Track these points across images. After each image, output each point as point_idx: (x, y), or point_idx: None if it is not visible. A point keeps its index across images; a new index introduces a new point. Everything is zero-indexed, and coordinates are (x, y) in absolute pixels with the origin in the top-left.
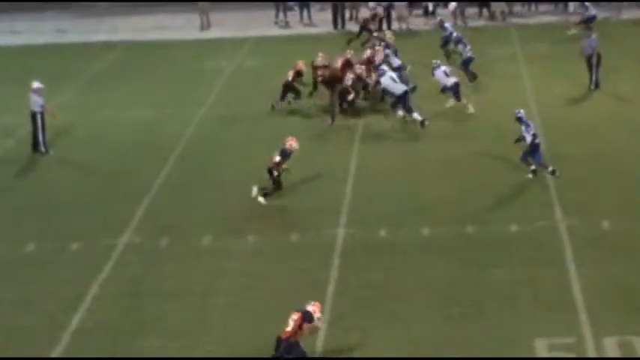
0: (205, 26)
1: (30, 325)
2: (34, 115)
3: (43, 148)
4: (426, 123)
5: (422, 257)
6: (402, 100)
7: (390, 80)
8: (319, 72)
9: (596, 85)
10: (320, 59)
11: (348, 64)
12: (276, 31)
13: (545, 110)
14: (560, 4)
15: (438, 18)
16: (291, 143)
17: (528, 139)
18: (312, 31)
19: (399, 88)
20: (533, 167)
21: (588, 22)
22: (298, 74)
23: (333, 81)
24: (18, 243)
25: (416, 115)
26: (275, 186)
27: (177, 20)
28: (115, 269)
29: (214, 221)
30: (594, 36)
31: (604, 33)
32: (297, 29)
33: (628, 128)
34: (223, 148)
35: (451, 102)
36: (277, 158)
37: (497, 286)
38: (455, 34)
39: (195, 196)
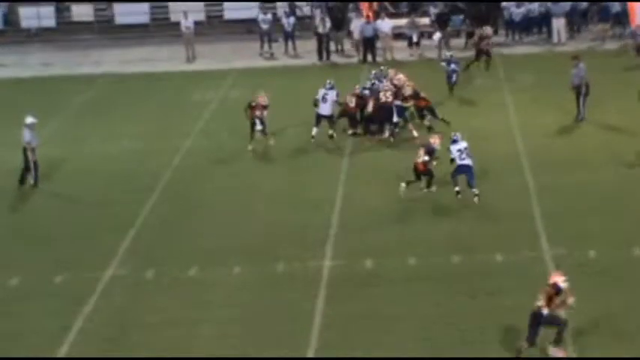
0: (190, 58)
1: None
2: (25, 150)
3: (32, 181)
4: None
5: (408, 287)
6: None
7: None
8: (256, 112)
9: (582, 116)
10: (260, 99)
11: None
12: (261, 63)
13: (529, 140)
14: (545, 35)
15: (449, 54)
16: (435, 140)
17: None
18: (297, 62)
19: None
20: (457, 188)
21: None
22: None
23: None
24: (3, 275)
25: None
26: (430, 177)
27: (163, 52)
28: (100, 301)
29: (200, 252)
30: (582, 65)
31: (588, 64)
32: (282, 60)
33: (613, 158)
34: (209, 180)
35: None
36: (425, 157)
37: (483, 317)
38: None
39: (181, 227)
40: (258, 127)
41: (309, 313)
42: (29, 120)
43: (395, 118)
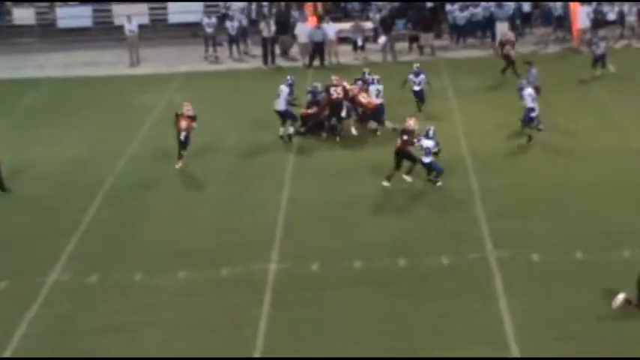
0: (135, 62)
1: None
2: None
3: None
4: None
5: (354, 291)
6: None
7: None
8: (182, 123)
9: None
10: (186, 109)
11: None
12: (206, 67)
13: (474, 142)
14: (488, 39)
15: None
16: (410, 122)
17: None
18: (242, 66)
19: None
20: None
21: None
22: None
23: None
24: None
25: None
26: (411, 161)
27: (106, 56)
28: (43, 307)
29: (145, 257)
30: (534, 70)
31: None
32: (227, 64)
33: (557, 161)
34: (153, 185)
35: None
36: (404, 137)
37: (429, 319)
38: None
39: (126, 232)
40: (182, 137)
41: (255, 317)
42: None
43: (343, 114)
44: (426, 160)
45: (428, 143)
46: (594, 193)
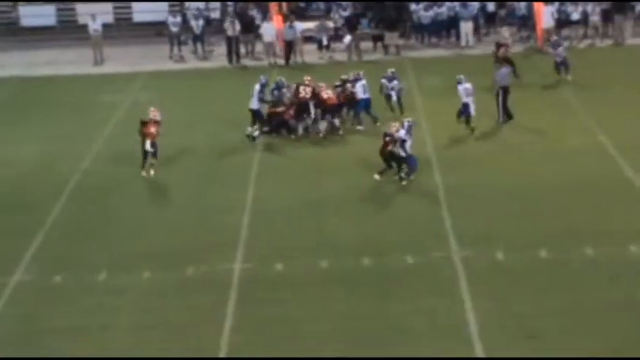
0: (99, 61)
1: None
2: None
3: None
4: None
5: (320, 290)
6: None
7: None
8: (150, 129)
9: (502, 118)
10: (153, 114)
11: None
12: (170, 66)
13: (439, 141)
14: (453, 38)
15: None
16: (391, 128)
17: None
18: (207, 65)
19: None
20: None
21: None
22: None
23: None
24: None
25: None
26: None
27: (70, 55)
28: (7, 307)
29: (109, 257)
30: (504, 69)
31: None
32: (192, 63)
33: (521, 160)
34: (118, 184)
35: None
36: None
37: (394, 318)
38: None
39: (90, 233)
40: (148, 147)
41: (220, 316)
42: None
43: (312, 114)
44: (403, 153)
45: (402, 134)
46: (558, 192)
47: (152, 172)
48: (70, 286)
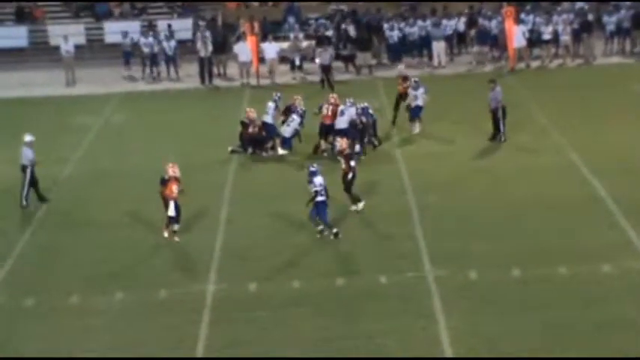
0: (71, 82)
1: None
2: (24, 169)
3: (24, 202)
4: None
5: (292, 311)
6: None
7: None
8: (174, 187)
9: (504, 137)
10: (172, 169)
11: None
12: (143, 87)
13: (412, 162)
14: (425, 57)
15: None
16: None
17: (312, 194)
18: (180, 86)
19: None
20: (320, 227)
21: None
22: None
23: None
24: None
25: None
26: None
27: (42, 76)
28: None
29: (81, 280)
30: (498, 88)
31: (466, 86)
32: (165, 84)
33: (494, 179)
34: (90, 206)
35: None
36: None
37: (367, 339)
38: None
39: (61, 255)
40: (172, 212)
41: (193, 338)
42: (28, 138)
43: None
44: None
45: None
46: (531, 212)
47: (176, 238)
48: (41, 310)
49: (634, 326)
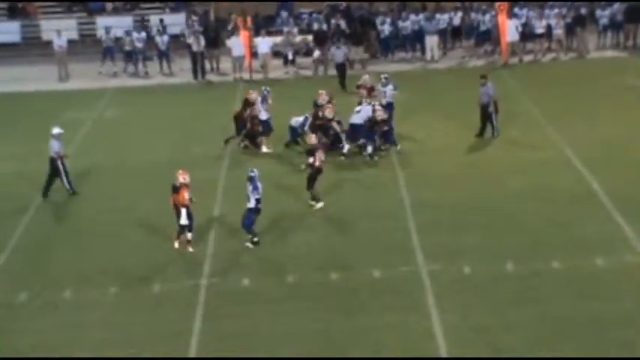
0: (63, 77)
1: None
2: (52, 160)
3: (69, 188)
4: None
5: (286, 306)
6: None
7: None
8: (185, 194)
9: (497, 132)
10: (182, 176)
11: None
12: (135, 82)
13: (404, 156)
14: (418, 52)
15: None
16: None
17: (252, 203)
18: (173, 81)
19: None
20: (255, 239)
21: None
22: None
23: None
24: None
25: None
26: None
27: (34, 71)
28: None
29: (75, 274)
30: (490, 84)
31: (460, 81)
32: (157, 79)
33: (487, 173)
34: (84, 201)
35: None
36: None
37: (361, 333)
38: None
39: (55, 250)
40: (184, 220)
41: (187, 332)
42: (56, 130)
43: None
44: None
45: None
46: (524, 206)
47: (190, 249)
48: (35, 304)
49: (628, 319)
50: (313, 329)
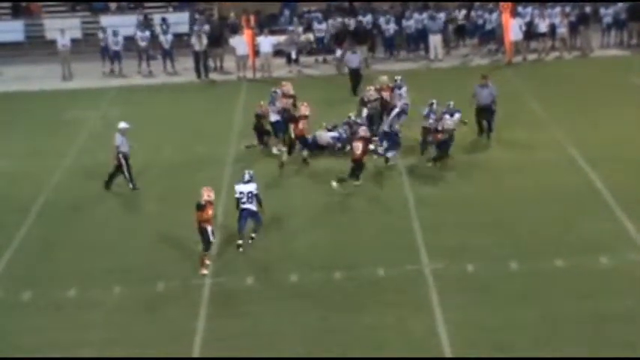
0: (67, 76)
1: None
2: (120, 155)
3: (131, 185)
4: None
5: (290, 304)
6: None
7: None
8: (209, 212)
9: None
10: (207, 194)
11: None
12: (139, 81)
13: (408, 153)
14: (422, 51)
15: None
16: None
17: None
18: (176, 80)
19: None
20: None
21: None
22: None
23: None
24: None
25: None
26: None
27: (38, 70)
28: None
29: (79, 273)
30: (490, 83)
31: (463, 80)
32: (161, 78)
33: (491, 172)
34: (88, 200)
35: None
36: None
37: (365, 332)
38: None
39: (60, 248)
40: (212, 237)
41: (191, 331)
42: (121, 125)
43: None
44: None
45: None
46: (528, 205)
47: (205, 271)
48: (39, 303)
49: (632, 318)
50: (316, 328)
